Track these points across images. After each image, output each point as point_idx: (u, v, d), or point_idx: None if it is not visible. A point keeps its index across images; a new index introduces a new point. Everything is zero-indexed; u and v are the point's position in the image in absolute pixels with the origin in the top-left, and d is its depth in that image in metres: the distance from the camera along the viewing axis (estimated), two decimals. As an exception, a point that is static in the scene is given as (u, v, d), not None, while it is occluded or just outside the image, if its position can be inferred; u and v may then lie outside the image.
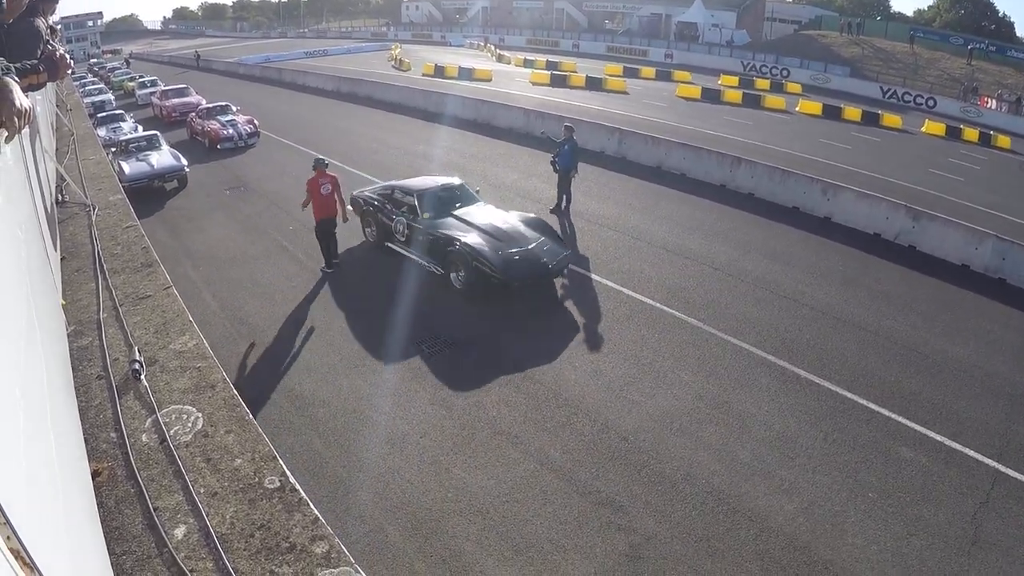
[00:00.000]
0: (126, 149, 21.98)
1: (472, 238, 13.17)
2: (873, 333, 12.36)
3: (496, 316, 12.49)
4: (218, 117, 27.97)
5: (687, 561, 7.26)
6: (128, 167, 20.21)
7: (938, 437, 9.47)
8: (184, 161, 21.43)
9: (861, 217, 17.88)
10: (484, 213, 14.42)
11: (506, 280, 12.56)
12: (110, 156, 16.66)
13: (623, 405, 9.92)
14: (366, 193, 16.11)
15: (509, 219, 14.18)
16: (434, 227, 13.95)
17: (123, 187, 7.76)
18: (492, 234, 13.40)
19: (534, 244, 13.34)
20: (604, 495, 8.17)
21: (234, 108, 29.47)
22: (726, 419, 9.69)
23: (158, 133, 23.66)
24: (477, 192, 15.68)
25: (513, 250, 13.02)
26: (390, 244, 15.17)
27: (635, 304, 13.06)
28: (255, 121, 28.16)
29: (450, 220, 14.09)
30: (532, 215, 14.99)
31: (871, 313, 13.13)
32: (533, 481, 8.35)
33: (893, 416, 9.90)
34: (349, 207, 15.27)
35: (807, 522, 7.87)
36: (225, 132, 26.77)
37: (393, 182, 16.02)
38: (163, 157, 21.43)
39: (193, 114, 29.23)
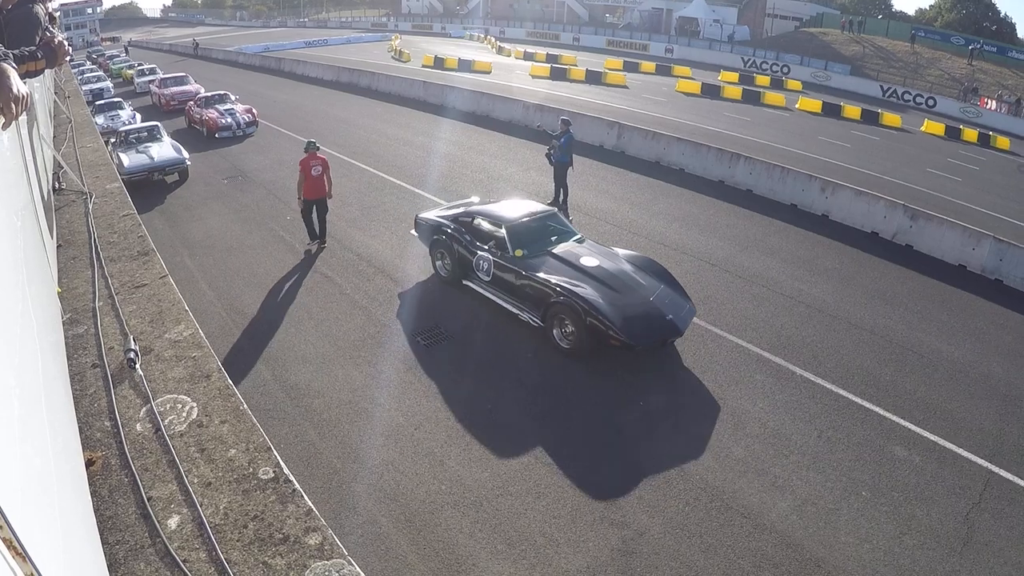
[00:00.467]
0: (126, 140, 21.33)
1: (583, 288, 10.85)
2: (869, 332, 12.38)
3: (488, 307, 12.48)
4: (216, 106, 27.84)
5: (679, 556, 7.28)
6: (127, 159, 19.60)
7: (932, 437, 9.49)
8: (185, 154, 20.66)
9: (859, 215, 17.90)
10: (588, 252, 12.05)
11: (630, 343, 10.23)
12: (109, 147, 16.43)
13: (618, 400, 9.92)
14: (435, 217, 13.86)
15: (617, 260, 11.96)
16: (531, 268, 11.60)
17: (122, 179, 7.63)
18: (605, 281, 11.13)
19: (654, 295, 11.12)
20: (598, 489, 8.19)
21: (232, 97, 29.35)
22: (720, 415, 9.70)
23: (159, 124, 22.86)
24: (571, 222, 13.92)
25: (633, 303, 10.79)
26: (470, 283, 12.89)
27: (632, 299, 13.05)
28: (253, 110, 28.03)
29: (550, 261, 11.78)
30: (640, 254, 12.79)
31: (867, 312, 13.15)
32: (527, 474, 8.36)
33: (887, 415, 9.92)
34: (413, 232, 14.30)
35: (800, 519, 7.89)
36: (223, 121, 26.67)
37: (472, 206, 14.07)
38: (164, 149, 20.74)
39: (191, 102, 29.11)
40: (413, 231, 14.28)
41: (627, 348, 10.32)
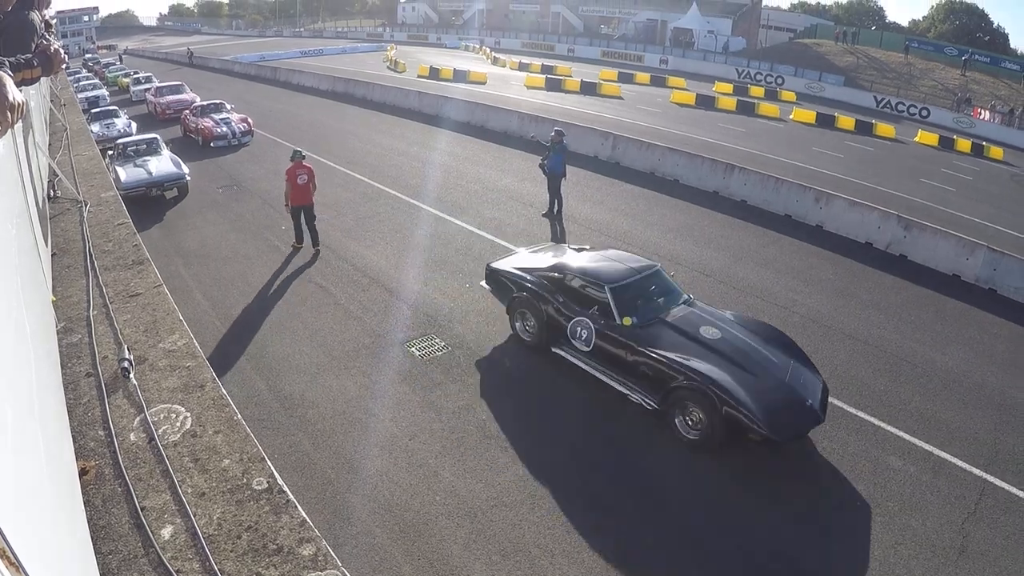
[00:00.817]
0: (123, 153, 20.59)
1: (713, 369, 8.97)
2: (863, 342, 12.39)
3: (483, 318, 12.45)
4: (212, 115, 27.88)
5: (674, 567, 7.27)
6: (124, 173, 18.91)
7: (927, 447, 9.50)
8: (185, 169, 19.91)
9: (853, 226, 17.94)
10: (705, 320, 10.18)
11: (775, 438, 8.47)
12: (107, 160, 16.36)
13: (612, 411, 9.90)
14: (514, 269, 11.83)
15: (739, 329, 10.13)
16: (643, 341, 9.67)
17: (119, 195, 7.49)
18: (733, 359, 9.27)
19: (789, 374, 9.32)
20: (593, 499, 8.18)
21: (228, 106, 29.39)
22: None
23: (158, 137, 22.04)
24: (672, 276, 11.52)
25: (771, 387, 8.95)
26: (561, 351, 10.89)
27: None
28: (249, 120, 28.07)
29: (665, 331, 9.85)
30: (757, 319, 11.30)
31: (861, 322, 13.17)
32: (522, 485, 8.35)
33: (882, 425, 9.93)
34: (484, 284, 12.32)
35: (794, 531, 7.88)
36: (219, 130, 26.68)
37: (562, 258, 11.71)
38: (163, 163, 19.97)
39: (187, 111, 29.10)
40: (484, 283, 12.40)
41: (769, 443, 8.61)
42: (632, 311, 10.08)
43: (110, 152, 20.48)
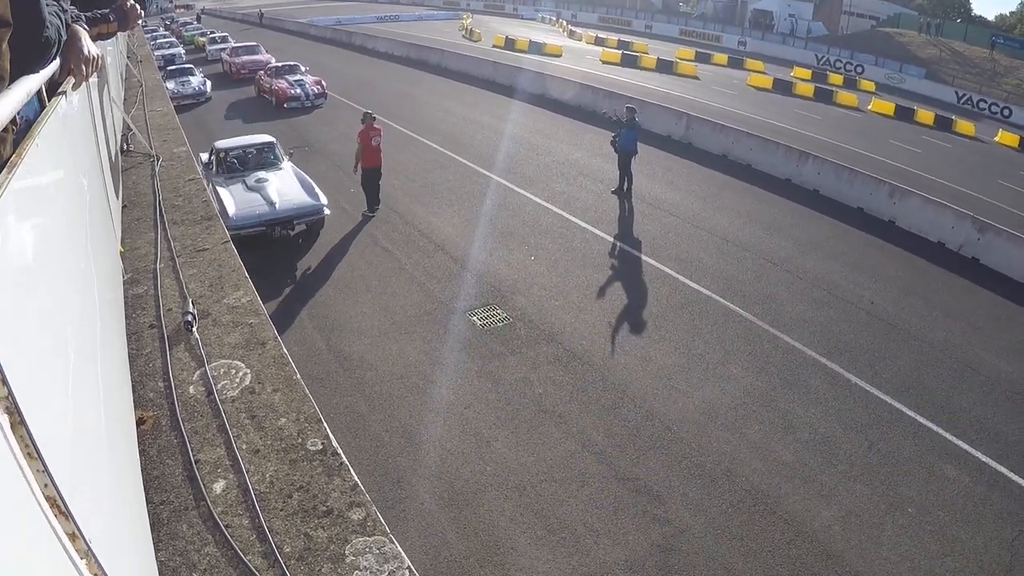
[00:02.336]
0: (226, 165, 14.88)
1: None
2: (928, 344, 12.02)
3: (545, 291, 12.43)
4: (287, 76, 27.90)
5: (719, 558, 7.19)
6: (233, 203, 13.24)
7: (983, 458, 9.18)
8: (322, 197, 14.01)
9: (926, 224, 17.33)
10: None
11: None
12: (202, 170, 9.18)
13: (670, 394, 9.83)
14: None
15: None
16: None
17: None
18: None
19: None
20: (642, 483, 8.12)
21: (303, 68, 29.40)
22: (771, 417, 9.54)
23: (274, 142, 15.97)
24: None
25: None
26: None
27: (690, 293, 12.89)
28: (323, 82, 28.11)
29: None
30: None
31: (928, 324, 12.77)
32: (573, 462, 8.33)
33: (940, 431, 9.61)
34: None
35: (843, 531, 7.73)
36: (292, 92, 26.69)
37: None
38: (288, 186, 14.14)
39: (262, 72, 29.25)
40: None
41: None
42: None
43: (207, 160, 15.08)
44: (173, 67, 29.53)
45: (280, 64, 29.53)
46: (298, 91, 26.83)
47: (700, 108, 29.44)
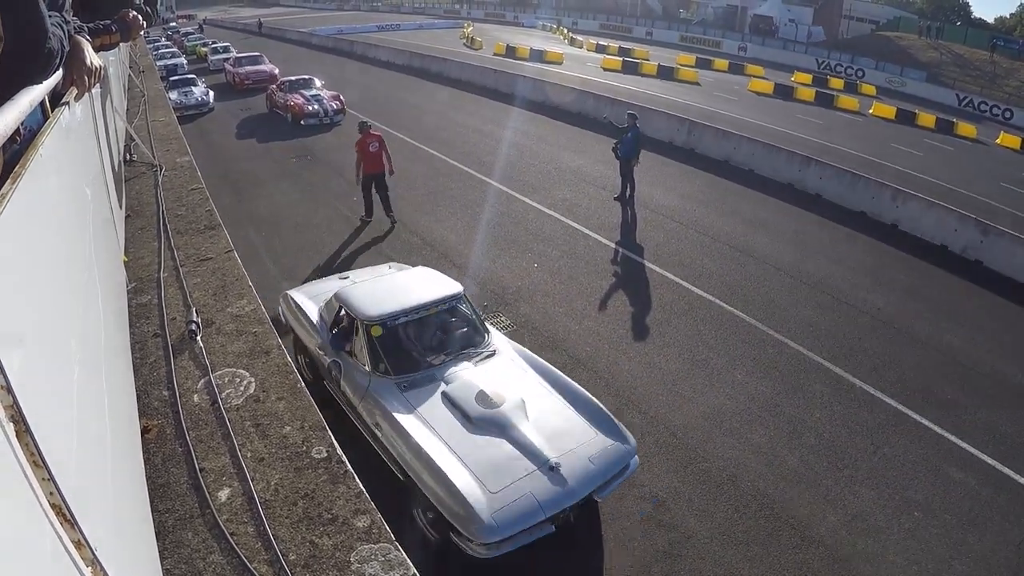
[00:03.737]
0: (386, 343, 7.92)
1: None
2: (933, 348, 11.99)
3: (549, 298, 12.42)
4: (302, 91, 26.50)
5: (725, 564, 7.17)
6: (476, 485, 6.46)
7: (990, 461, 9.14)
8: (624, 431, 7.82)
9: (929, 227, 17.30)
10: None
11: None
12: (334, 365, 8.08)
13: (674, 400, 9.81)
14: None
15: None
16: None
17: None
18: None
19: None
20: (647, 489, 8.10)
21: (318, 82, 27.99)
22: (776, 422, 9.52)
23: (461, 291, 8.89)
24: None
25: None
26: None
27: (694, 298, 12.88)
28: (341, 97, 26.80)
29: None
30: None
31: (932, 327, 12.74)
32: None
33: (945, 434, 9.58)
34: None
35: (849, 535, 7.70)
36: (310, 107, 25.31)
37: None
38: (558, 418, 7.66)
39: (274, 86, 27.90)
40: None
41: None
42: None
43: (313, 316, 9.32)
44: (176, 77, 29.42)
45: (294, 78, 27.99)
46: (316, 107, 25.36)
47: (702, 114, 29.44)
